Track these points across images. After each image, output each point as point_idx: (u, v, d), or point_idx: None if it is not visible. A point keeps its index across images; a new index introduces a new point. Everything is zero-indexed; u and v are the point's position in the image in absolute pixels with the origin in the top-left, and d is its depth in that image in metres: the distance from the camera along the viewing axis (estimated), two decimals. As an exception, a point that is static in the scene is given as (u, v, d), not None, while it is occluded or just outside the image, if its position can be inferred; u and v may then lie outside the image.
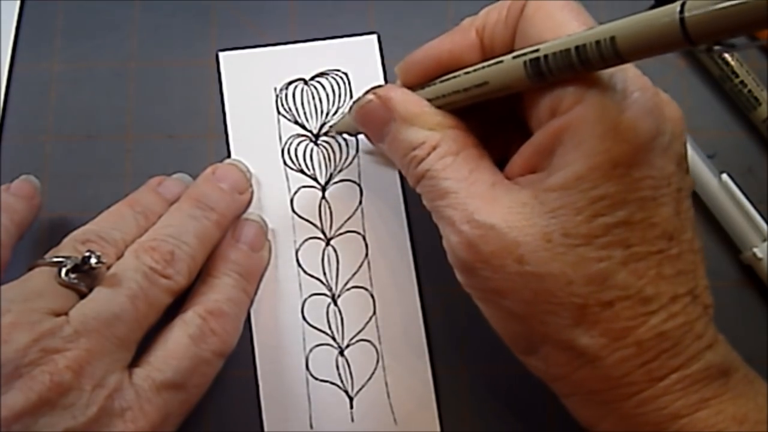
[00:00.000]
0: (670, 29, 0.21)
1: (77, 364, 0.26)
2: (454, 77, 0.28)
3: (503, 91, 0.27)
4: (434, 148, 0.28)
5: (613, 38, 0.22)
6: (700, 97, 0.37)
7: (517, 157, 0.27)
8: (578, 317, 0.25)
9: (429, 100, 0.29)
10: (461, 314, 0.34)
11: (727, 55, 0.36)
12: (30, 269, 0.29)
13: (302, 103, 0.36)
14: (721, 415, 0.25)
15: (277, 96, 0.36)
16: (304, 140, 0.36)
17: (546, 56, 0.24)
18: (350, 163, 0.35)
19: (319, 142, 0.36)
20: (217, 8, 0.38)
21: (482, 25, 0.28)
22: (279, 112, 0.36)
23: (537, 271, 0.25)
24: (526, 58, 0.25)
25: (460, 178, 0.27)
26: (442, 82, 0.28)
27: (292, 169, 0.35)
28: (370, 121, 0.30)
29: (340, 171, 0.35)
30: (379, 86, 0.30)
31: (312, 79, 0.36)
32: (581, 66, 0.24)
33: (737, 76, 0.36)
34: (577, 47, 0.23)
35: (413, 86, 0.30)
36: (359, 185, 0.35)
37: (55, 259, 0.29)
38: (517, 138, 0.29)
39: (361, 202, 0.35)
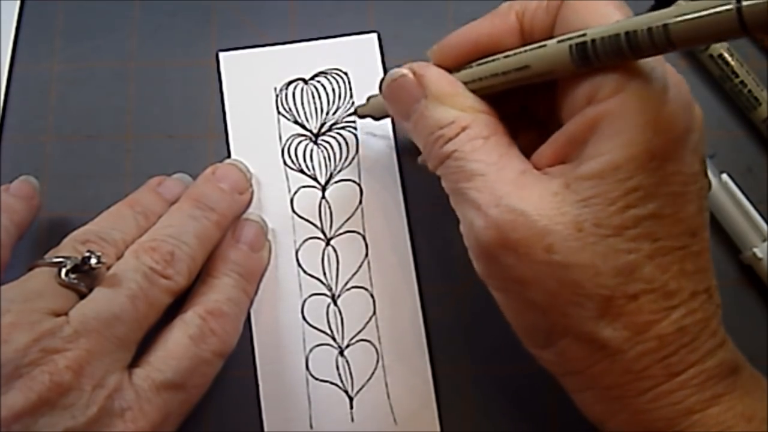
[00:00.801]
0: (727, 18, 0.21)
1: (77, 364, 0.26)
2: (494, 60, 0.28)
3: (544, 76, 0.26)
4: (464, 129, 0.27)
5: (666, 25, 0.22)
6: (700, 97, 0.37)
7: (547, 146, 0.27)
8: (603, 309, 0.25)
9: (465, 83, 0.28)
10: (461, 314, 0.34)
11: (727, 55, 0.36)
12: (30, 269, 0.29)
13: (302, 103, 0.36)
14: (731, 412, 0.25)
15: (277, 96, 0.36)
16: (304, 140, 0.36)
17: (594, 41, 0.24)
18: (350, 163, 0.35)
19: (319, 142, 0.36)
20: (217, 8, 0.38)
21: (522, 9, 0.28)
22: (279, 112, 0.36)
23: (565, 261, 0.25)
24: (572, 42, 0.25)
25: (489, 162, 0.26)
26: (479, 65, 0.28)
27: (292, 169, 0.35)
28: (400, 95, 0.30)
29: (340, 171, 0.35)
30: (417, 63, 0.30)
31: (312, 78, 0.36)
32: (630, 52, 0.23)
33: (737, 76, 0.36)
34: (627, 33, 0.23)
35: (448, 69, 0.29)
36: (359, 185, 0.35)
37: (55, 260, 0.29)
38: (526, 133, 0.28)
39: (361, 202, 0.35)
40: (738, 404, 0.25)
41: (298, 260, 0.34)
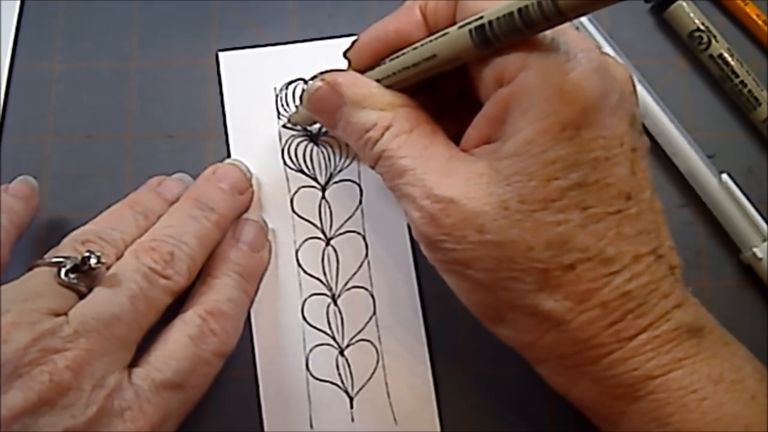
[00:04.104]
0: None
1: (77, 364, 0.26)
2: (403, 54, 0.28)
3: (452, 63, 0.27)
4: (387, 129, 0.28)
5: None
6: (700, 97, 0.37)
7: (471, 129, 0.28)
8: (541, 282, 0.25)
9: (380, 80, 0.29)
10: (461, 314, 0.34)
11: (727, 55, 0.36)
12: (30, 269, 0.29)
13: (302, 103, 0.36)
14: (696, 375, 0.25)
15: (277, 96, 0.36)
16: (304, 140, 0.36)
17: (490, 22, 0.25)
18: (350, 163, 0.35)
19: (319, 142, 0.36)
20: (217, 8, 0.38)
21: (425, 3, 0.28)
22: (279, 112, 0.36)
23: (497, 239, 0.25)
24: (471, 26, 0.25)
25: (416, 155, 0.27)
26: (391, 60, 0.29)
27: (292, 169, 0.35)
28: (322, 108, 0.30)
29: (340, 171, 0.35)
30: (328, 71, 0.30)
31: (312, 78, 0.36)
32: (526, 28, 0.24)
33: (737, 76, 0.36)
34: (519, 9, 0.24)
35: (365, 69, 0.30)
36: (359, 185, 0.35)
37: (55, 260, 0.29)
38: (469, 114, 0.29)
39: (361, 202, 0.35)
40: (703, 367, 0.25)
41: (298, 260, 0.34)
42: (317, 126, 0.36)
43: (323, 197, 0.35)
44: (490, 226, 0.25)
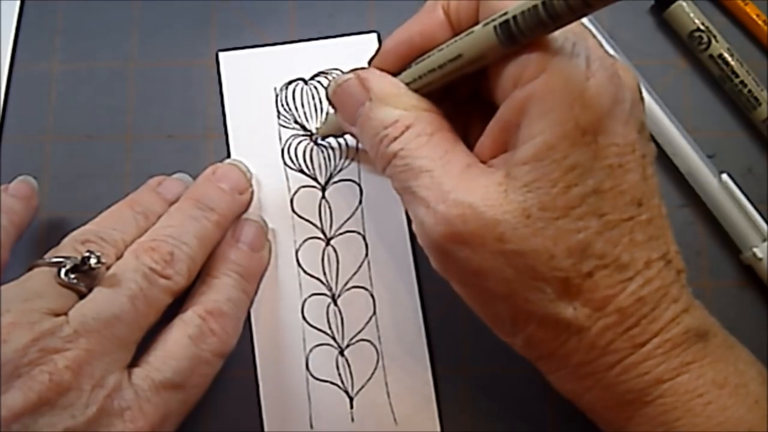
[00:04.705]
0: None
1: (76, 364, 0.26)
2: (429, 56, 0.28)
3: (477, 63, 0.26)
4: (408, 128, 0.27)
5: None
6: (700, 97, 0.37)
7: (485, 137, 0.27)
8: (561, 291, 0.25)
9: (406, 85, 0.29)
10: (461, 314, 0.34)
11: (727, 55, 0.36)
12: (30, 269, 0.29)
13: (302, 103, 0.36)
14: (702, 379, 0.25)
15: (277, 96, 0.36)
16: (304, 140, 0.36)
17: (515, 17, 0.24)
18: (350, 163, 0.35)
19: (319, 141, 0.36)
20: (217, 8, 0.38)
21: (447, 3, 0.28)
22: (279, 112, 0.36)
23: (518, 249, 0.25)
24: (496, 23, 0.25)
25: (435, 158, 0.27)
26: (417, 63, 0.29)
27: (292, 169, 0.35)
28: (346, 100, 0.30)
29: (340, 171, 0.35)
30: (359, 68, 0.30)
31: (312, 78, 0.36)
32: (551, 21, 0.23)
33: (737, 76, 0.36)
34: (544, 3, 0.23)
35: (391, 74, 0.30)
36: (359, 185, 0.35)
37: (55, 260, 0.29)
38: (477, 122, 0.28)
39: (361, 202, 0.35)
40: (709, 371, 0.26)
41: (298, 260, 0.34)
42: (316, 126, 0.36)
43: (323, 197, 0.35)
44: (511, 236, 0.25)
